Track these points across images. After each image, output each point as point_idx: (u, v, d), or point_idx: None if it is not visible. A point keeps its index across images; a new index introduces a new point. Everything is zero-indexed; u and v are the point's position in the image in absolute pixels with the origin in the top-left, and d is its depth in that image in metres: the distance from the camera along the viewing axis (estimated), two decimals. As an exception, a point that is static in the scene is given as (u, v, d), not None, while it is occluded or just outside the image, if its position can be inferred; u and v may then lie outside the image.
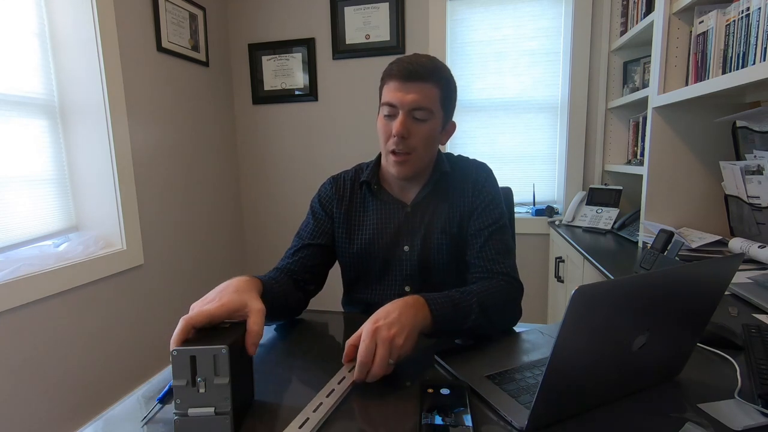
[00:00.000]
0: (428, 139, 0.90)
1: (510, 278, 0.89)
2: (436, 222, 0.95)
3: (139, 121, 1.86)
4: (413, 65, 0.85)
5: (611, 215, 1.82)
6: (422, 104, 0.86)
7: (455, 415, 0.52)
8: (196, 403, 0.50)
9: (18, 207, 1.49)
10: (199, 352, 0.50)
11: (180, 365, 0.49)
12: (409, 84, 0.85)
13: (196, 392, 0.50)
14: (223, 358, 0.50)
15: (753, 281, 0.99)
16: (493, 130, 2.30)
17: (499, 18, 2.21)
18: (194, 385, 0.50)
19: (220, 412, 0.50)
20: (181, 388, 0.49)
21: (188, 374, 0.49)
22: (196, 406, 0.50)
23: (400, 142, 0.87)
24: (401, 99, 0.85)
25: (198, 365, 0.50)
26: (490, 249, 0.91)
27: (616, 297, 0.47)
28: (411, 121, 0.87)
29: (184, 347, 0.50)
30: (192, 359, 0.50)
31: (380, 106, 0.92)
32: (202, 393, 0.50)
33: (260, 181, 2.62)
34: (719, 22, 1.18)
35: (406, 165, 0.90)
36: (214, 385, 0.50)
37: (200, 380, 0.50)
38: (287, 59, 2.45)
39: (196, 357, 0.50)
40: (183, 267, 2.15)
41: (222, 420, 0.50)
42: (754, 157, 1.23)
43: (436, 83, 0.87)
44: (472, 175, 0.97)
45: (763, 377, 0.56)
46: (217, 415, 0.50)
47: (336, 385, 0.59)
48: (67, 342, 1.55)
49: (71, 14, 1.62)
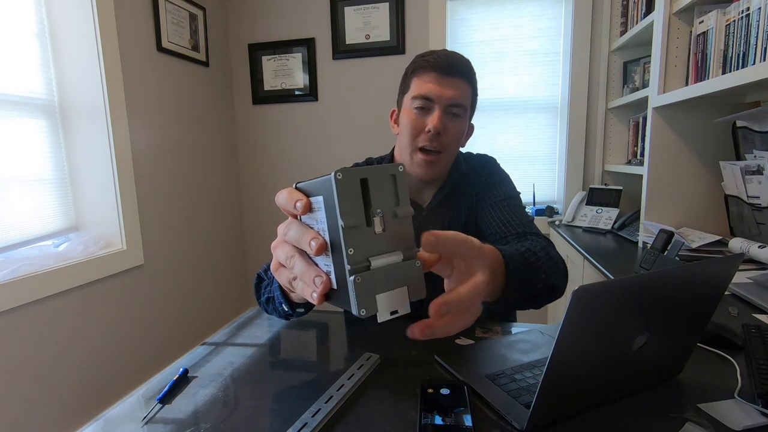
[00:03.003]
0: (460, 137, 0.86)
1: (542, 236, 0.82)
2: (452, 226, 0.92)
3: (139, 121, 1.86)
4: (452, 59, 0.82)
5: (611, 215, 1.82)
6: (459, 100, 0.82)
7: (455, 415, 0.52)
8: (376, 250, 0.36)
9: (18, 207, 1.49)
10: (373, 173, 0.36)
11: (348, 195, 0.34)
12: (448, 79, 0.81)
13: (373, 233, 0.36)
14: (402, 179, 0.37)
15: (753, 281, 0.99)
16: (493, 130, 2.30)
17: (499, 18, 2.21)
18: (370, 224, 0.36)
19: (408, 256, 0.37)
20: (353, 230, 0.35)
21: (361, 208, 0.35)
22: (377, 253, 0.36)
23: (435, 138, 0.82)
24: (440, 93, 0.81)
25: (372, 194, 0.36)
26: (515, 215, 0.85)
27: (616, 297, 0.47)
28: (447, 118, 0.83)
29: (352, 169, 0.35)
30: (364, 184, 0.35)
31: (407, 99, 0.85)
32: (380, 234, 0.36)
33: (260, 180, 2.62)
34: (719, 22, 1.18)
35: (435, 166, 0.85)
36: (395, 220, 0.36)
37: (379, 214, 0.36)
38: (287, 59, 2.45)
39: (369, 181, 0.36)
40: (183, 267, 2.15)
41: (413, 267, 0.37)
42: (754, 157, 1.23)
43: (470, 81, 0.85)
44: (483, 173, 0.95)
45: (763, 377, 0.56)
46: (405, 261, 0.37)
47: (335, 392, 0.59)
48: (67, 342, 1.55)
49: (71, 14, 1.62)
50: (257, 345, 0.76)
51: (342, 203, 0.34)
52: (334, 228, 0.36)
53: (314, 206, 0.38)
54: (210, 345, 0.78)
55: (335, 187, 0.34)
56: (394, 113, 0.94)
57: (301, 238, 0.40)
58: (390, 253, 0.36)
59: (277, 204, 0.43)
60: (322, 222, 0.38)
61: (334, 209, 0.35)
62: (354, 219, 0.34)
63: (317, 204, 0.38)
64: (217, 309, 2.42)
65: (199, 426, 0.54)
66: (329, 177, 0.34)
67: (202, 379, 0.66)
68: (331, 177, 0.34)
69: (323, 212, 0.37)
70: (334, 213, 0.35)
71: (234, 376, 0.66)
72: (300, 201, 0.39)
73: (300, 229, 0.41)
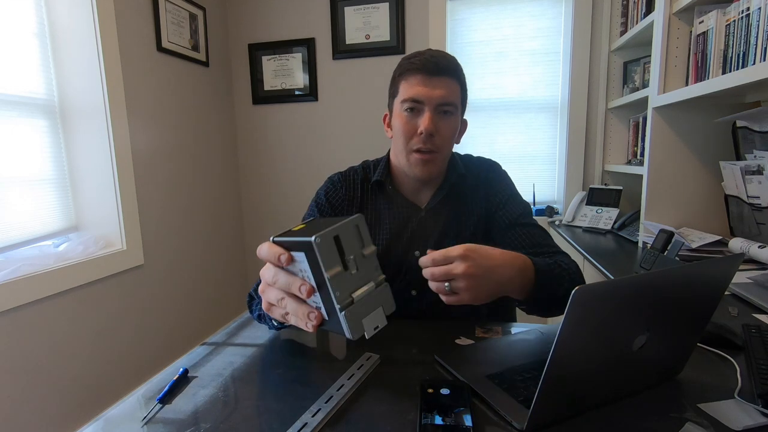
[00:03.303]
0: (453, 135, 0.87)
1: (566, 255, 0.84)
2: (450, 227, 0.92)
3: (139, 121, 1.86)
4: (437, 59, 0.82)
5: (611, 215, 1.82)
6: (449, 99, 0.82)
7: (455, 415, 0.51)
8: (355, 286, 0.46)
9: (18, 207, 1.49)
10: (342, 230, 0.45)
11: (327, 252, 0.44)
12: (435, 79, 0.82)
13: (350, 275, 0.45)
14: (363, 225, 0.46)
15: (753, 281, 0.99)
16: (493, 130, 2.30)
17: (500, 18, 2.21)
18: (347, 268, 0.45)
19: (378, 282, 0.48)
20: (336, 276, 0.44)
21: (338, 258, 0.45)
22: (356, 288, 0.46)
23: (428, 140, 0.83)
24: (428, 94, 0.81)
25: (344, 245, 0.45)
26: (534, 234, 0.87)
27: (616, 297, 0.47)
28: (438, 118, 0.83)
29: (325, 231, 0.44)
30: (336, 240, 0.45)
31: (397, 103, 0.86)
32: (355, 273, 0.46)
33: (260, 180, 2.62)
34: (719, 22, 1.18)
35: (432, 164, 0.86)
36: (364, 259, 0.46)
37: (351, 258, 0.45)
38: (287, 59, 2.45)
39: (340, 236, 0.45)
40: (183, 267, 2.15)
41: (384, 290, 0.48)
42: (754, 157, 1.23)
43: (458, 79, 0.85)
44: (483, 176, 0.95)
45: (763, 377, 0.56)
46: (377, 287, 0.47)
47: (335, 392, 0.59)
48: (67, 342, 1.55)
49: (71, 14, 1.62)
50: (257, 345, 0.76)
51: (324, 261, 0.44)
52: (320, 276, 0.46)
53: (296, 259, 0.48)
54: (210, 345, 0.78)
55: (317, 251, 0.43)
56: (386, 117, 0.95)
57: (291, 285, 0.50)
58: (365, 285, 0.46)
59: (260, 256, 0.52)
60: (306, 270, 0.47)
61: (318, 265, 0.45)
62: (335, 269, 0.44)
63: (299, 257, 0.47)
64: (217, 309, 2.42)
65: (199, 426, 0.54)
66: (309, 240, 0.43)
67: (202, 379, 0.66)
68: (311, 241, 0.43)
69: (305, 263, 0.47)
70: (318, 267, 0.45)
71: (234, 376, 0.66)
72: (283, 255, 0.49)
73: (287, 277, 0.51)
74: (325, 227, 0.45)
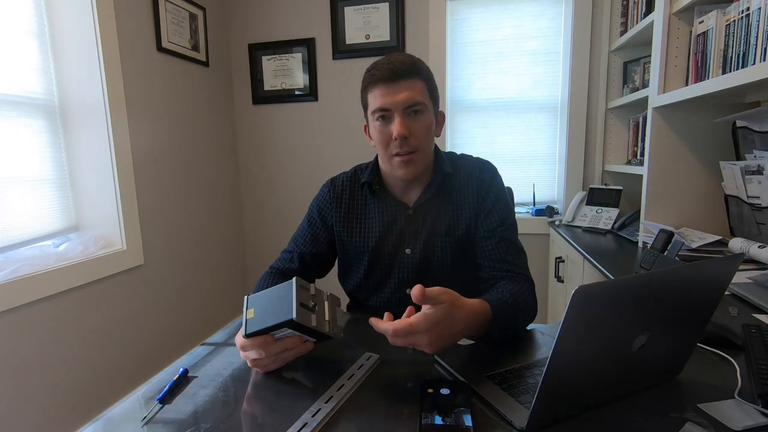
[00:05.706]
0: (428, 133, 0.89)
1: (529, 278, 0.89)
2: (439, 225, 0.94)
3: (139, 121, 1.86)
4: (394, 64, 0.84)
5: (611, 215, 1.82)
6: (415, 99, 0.85)
7: (455, 415, 0.52)
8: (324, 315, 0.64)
9: (18, 207, 1.49)
10: (298, 296, 0.61)
11: (302, 316, 0.60)
12: (396, 84, 0.84)
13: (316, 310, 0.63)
14: (299, 280, 0.63)
15: (753, 281, 0.99)
16: (493, 130, 2.30)
17: (500, 18, 2.21)
18: (314, 311, 0.62)
19: (327, 297, 0.67)
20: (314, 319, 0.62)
21: (307, 312, 0.61)
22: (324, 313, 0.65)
23: (404, 143, 0.85)
24: (393, 101, 0.84)
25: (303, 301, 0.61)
26: (504, 250, 0.90)
27: (616, 297, 0.47)
28: (409, 120, 0.86)
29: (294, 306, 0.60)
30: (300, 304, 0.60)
31: (370, 114, 0.90)
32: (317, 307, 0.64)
33: (260, 181, 2.62)
34: (719, 22, 1.18)
35: (413, 164, 0.88)
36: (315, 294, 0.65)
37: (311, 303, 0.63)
38: (287, 59, 2.45)
39: (300, 300, 0.61)
40: (183, 267, 2.15)
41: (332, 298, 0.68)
42: (754, 157, 1.23)
43: (420, 76, 0.86)
44: (475, 175, 0.96)
45: (763, 377, 0.56)
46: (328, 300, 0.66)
47: (335, 392, 0.59)
48: (67, 342, 1.55)
49: (71, 14, 1.62)
50: (257, 345, 0.76)
51: (304, 321, 0.60)
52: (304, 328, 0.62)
53: (278, 335, 0.63)
54: (210, 345, 0.78)
55: (298, 321, 0.59)
56: (366, 127, 0.97)
57: (288, 344, 0.65)
58: (325, 306, 0.65)
59: (246, 349, 0.65)
60: (288, 330, 0.62)
61: (303, 326, 0.61)
62: (312, 317, 0.61)
63: (282, 332, 0.63)
64: (217, 309, 2.41)
65: (199, 426, 0.54)
66: (291, 318, 0.59)
67: (202, 379, 0.66)
68: (293, 319, 0.58)
69: (288, 330, 0.62)
70: (303, 327, 0.61)
71: (234, 376, 0.67)
72: (268, 340, 0.63)
73: (280, 343, 0.64)
74: (283, 301, 0.61)
